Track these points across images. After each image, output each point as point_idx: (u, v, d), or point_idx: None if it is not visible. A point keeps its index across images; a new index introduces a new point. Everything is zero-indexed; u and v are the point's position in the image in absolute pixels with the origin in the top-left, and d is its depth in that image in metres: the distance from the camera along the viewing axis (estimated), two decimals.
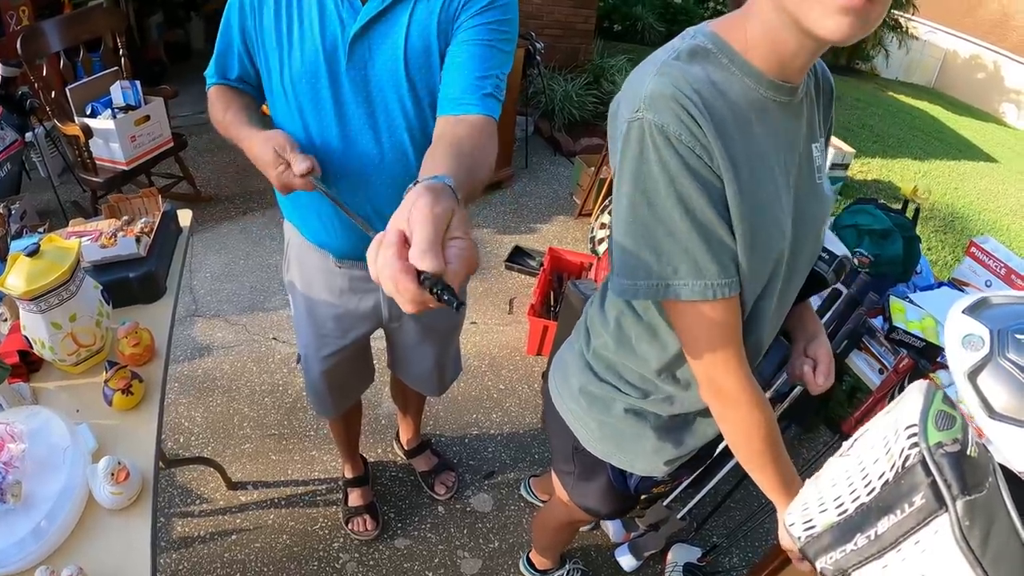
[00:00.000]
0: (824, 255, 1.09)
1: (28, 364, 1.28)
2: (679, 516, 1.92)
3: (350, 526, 1.98)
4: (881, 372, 1.65)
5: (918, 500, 0.68)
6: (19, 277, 1.12)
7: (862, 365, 1.68)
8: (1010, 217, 5.69)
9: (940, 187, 6.33)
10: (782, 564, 1.26)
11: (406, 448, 2.21)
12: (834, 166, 5.21)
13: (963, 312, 0.75)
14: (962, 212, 5.80)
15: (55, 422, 1.10)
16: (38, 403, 1.23)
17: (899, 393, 1.46)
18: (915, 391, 0.75)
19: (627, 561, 2.00)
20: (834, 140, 5.40)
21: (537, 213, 4.02)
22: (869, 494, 0.74)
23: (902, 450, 0.70)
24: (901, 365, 1.48)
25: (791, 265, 0.92)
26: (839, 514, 0.78)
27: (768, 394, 1.62)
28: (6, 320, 1.34)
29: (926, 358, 1.58)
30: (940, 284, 1.95)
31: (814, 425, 2.66)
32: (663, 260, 0.81)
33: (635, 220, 0.81)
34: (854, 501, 0.76)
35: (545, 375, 2.56)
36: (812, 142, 0.92)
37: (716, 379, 0.90)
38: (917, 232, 1.89)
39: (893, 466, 0.71)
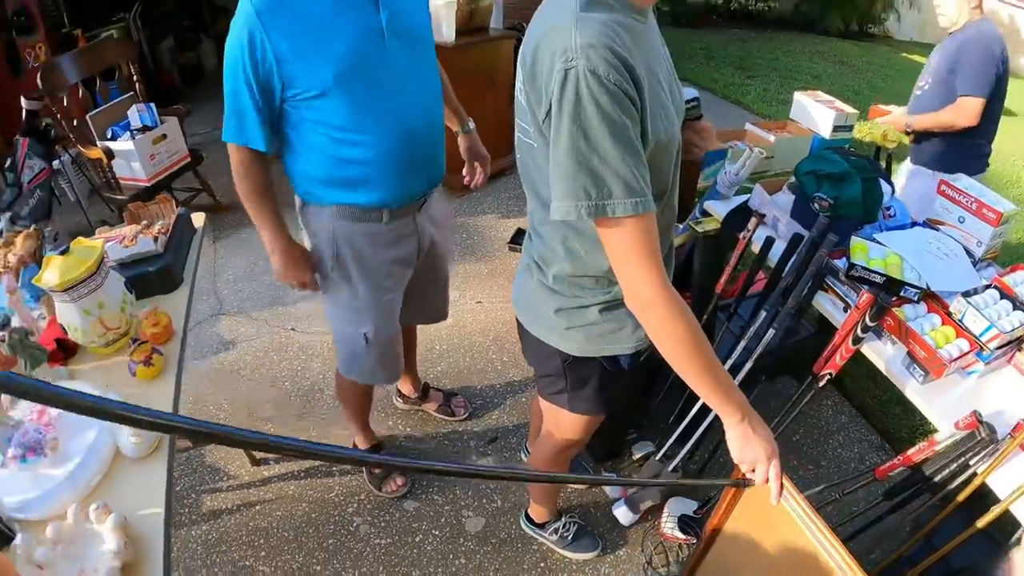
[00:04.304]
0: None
1: (64, 351, 1.46)
2: (671, 469, 2.03)
3: (386, 488, 2.15)
4: (845, 310, 1.70)
5: None
6: (53, 273, 1.32)
7: (828, 306, 1.75)
8: None
9: None
10: (735, 497, 1.30)
11: (412, 397, 2.42)
12: (837, 128, 5.17)
13: None
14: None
15: (87, 390, 1.27)
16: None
17: (862, 330, 1.49)
18: None
19: (623, 514, 2.10)
20: (837, 102, 5.35)
21: None
22: None
23: None
24: (862, 301, 1.52)
25: (678, 148, 1.17)
26: None
27: (759, 348, 1.73)
28: (44, 317, 1.53)
29: (887, 292, 1.63)
30: (914, 224, 2.01)
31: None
32: (599, 184, 0.97)
33: (573, 151, 0.96)
34: None
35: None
36: (663, 47, 1.17)
37: (639, 288, 1.03)
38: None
39: None
